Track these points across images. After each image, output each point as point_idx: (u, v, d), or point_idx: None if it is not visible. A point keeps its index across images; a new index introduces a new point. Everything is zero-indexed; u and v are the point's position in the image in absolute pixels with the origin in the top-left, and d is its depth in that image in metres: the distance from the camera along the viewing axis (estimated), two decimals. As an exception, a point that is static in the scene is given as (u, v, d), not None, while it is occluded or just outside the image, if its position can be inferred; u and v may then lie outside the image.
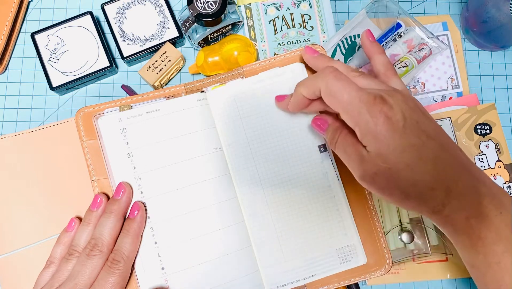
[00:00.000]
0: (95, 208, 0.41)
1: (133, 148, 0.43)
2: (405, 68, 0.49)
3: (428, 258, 0.47)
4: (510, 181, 0.47)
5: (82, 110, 0.44)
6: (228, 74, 0.47)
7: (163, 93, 0.46)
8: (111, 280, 0.38)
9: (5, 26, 0.50)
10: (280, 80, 0.46)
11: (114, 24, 0.51)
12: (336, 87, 0.36)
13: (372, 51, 0.43)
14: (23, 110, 0.51)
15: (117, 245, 0.40)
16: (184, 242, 0.42)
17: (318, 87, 0.37)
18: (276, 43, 0.52)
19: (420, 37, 0.50)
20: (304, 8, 0.53)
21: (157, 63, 0.49)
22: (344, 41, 0.51)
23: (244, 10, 0.53)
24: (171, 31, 0.51)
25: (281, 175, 0.45)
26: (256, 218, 0.44)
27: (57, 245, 0.42)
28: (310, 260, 0.44)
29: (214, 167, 0.44)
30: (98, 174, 0.43)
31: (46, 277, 0.40)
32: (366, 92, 0.35)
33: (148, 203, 0.43)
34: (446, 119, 0.49)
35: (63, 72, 0.49)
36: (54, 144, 0.47)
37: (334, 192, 0.45)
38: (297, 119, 0.46)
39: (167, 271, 0.42)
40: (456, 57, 0.52)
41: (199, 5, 0.47)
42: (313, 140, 0.45)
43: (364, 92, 0.35)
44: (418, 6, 0.55)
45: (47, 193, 0.46)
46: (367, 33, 0.45)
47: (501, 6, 0.47)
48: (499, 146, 0.49)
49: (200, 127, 0.45)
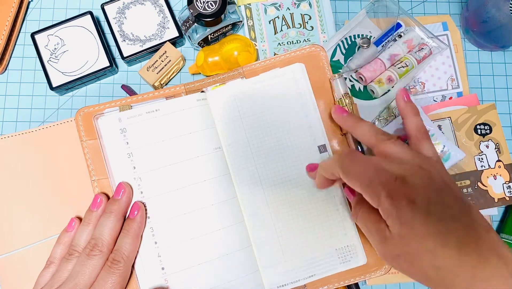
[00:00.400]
0: (95, 208, 0.41)
1: (133, 148, 0.43)
2: (405, 68, 0.48)
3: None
4: (510, 181, 0.47)
5: (82, 110, 0.44)
6: (228, 74, 0.47)
7: (163, 93, 0.46)
8: (111, 280, 0.38)
9: (5, 26, 0.50)
10: (280, 80, 0.46)
11: (114, 24, 0.51)
12: (353, 170, 0.35)
13: (406, 111, 0.42)
14: (23, 110, 0.51)
15: (117, 245, 0.40)
16: (184, 242, 0.42)
17: (336, 171, 0.37)
18: (276, 43, 0.52)
19: (420, 37, 0.50)
20: (304, 8, 0.53)
21: (157, 63, 0.49)
22: (344, 41, 0.51)
23: (244, 10, 0.53)
24: (171, 31, 0.51)
25: (281, 175, 0.45)
26: (256, 218, 0.44)
27: (57, 245, 0.42)
28: (310, 260, 0.44)
29: (214, 167, 0.44)
30: (98, 174, 0.43)
31: (46, 277, 0.40)
32: (385, 173, 0.34)
33: (148, 203, 0.43)
34: (446, 119, 0.49)
35: (63, 72, 0.49)
36: (54, 144, 0.47)
37: (334, 192, 0.45)
38: (297, 119, 0.46)
39: (167, 271, 0.42)
40: (456, 57, 0.52)
41: (199, 5, 0.47)
42: (313, 141, 0.45)
43: (383, 174, 0.34)
44: (418, 6, 0.55)
45: (47, 193, 0.46)
46: (402, 92, 0.43)
47: (501, 6, 0.47)
48: (499, 146, 0.49)
49: (200, 127, 0.45)
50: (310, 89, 0.46)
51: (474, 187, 0.47)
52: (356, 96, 0.49)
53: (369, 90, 0.50)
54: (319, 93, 0.46)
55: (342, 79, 0.46)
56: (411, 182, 0.33)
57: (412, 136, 0.40)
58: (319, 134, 0.46)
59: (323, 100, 0.46)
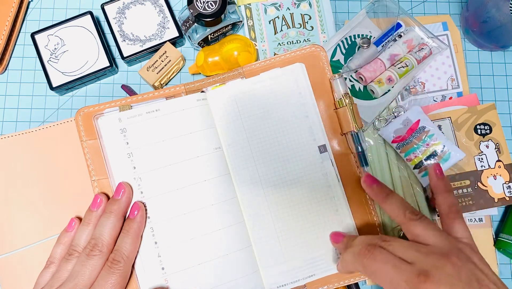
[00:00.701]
0: (95, 208, 0.41)
1: (133, 148, 0.43)
2: (405, 68, 0.48)
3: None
4: (510, 181, 0.47)
5: (82, 110, 0.44)
6: (228, 74, 0.47)
7: (163, 93, 0.46)
8: (111, 280, 0.38)
9: (5, 26, 0.50)
10: (280, 80, 0.46)
11: (114, 24, 0.51)
12: (374, 268, 0.34)
13: (438, 188, 0.41)
14: (23, 110, 0.51)
15: (117, 245, 0.40)
16: (184, 242, 0.42)
17: (357, 269, 0.37)
18: (276, 43, 0.52)
19: (420, 37, 0.50)
20: (304, 8, 0.53)
21: (157, 63, 0.49)
22: (344, 41, 0.51)
23: (244, 10, 0.53)
24: (171, 31, 0.51)
25: (281, 175, 0.45)
26: (256, 218, 0.44)
27: (57, 245, 0.42)
28: (310, 260, 0.44)
29: (214, 167, 0.44)
30: (98, 174, 0.43)
31: (46, 277, 0.40)
32: (407, 269, 0.33)
33: (148, 203, 0.43)
34: (446, 119, 0.49)
35: (63, 72, 0.49)
36: (54, 144, 0.47)
37: (334, 192, 0.45)
38: (297, 119, 0.46)
39: (167, 271, 0.42)
40: (456, 57, 0.52)
41: (199, 5, 0.47)
42: (313, 141, 0.45)
43: (405, 270, 0.33)
44: (418, 6, 0.55)
45: (47, 193, 0.46)
46: (435, 167, 0.42)
47: (501, 6, 0.47)
48: (499, 145, 0.49)
49: (200, 127, 0.45)
50: (310, 89, 0.46)
51: (474, 187, 0.47)
52: (356, 96, 0.49)
53: (369, 90, 0.50)
54: (319, 93, 0.46)
55: (342, 79, 0.46)
56: (435, 278, 0.31)
57: (444, 214, 0.39)
58: (319, 135, 0.46)
59: (323, 100, 0.46)
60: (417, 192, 0.48)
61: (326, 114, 0.46)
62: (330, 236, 0.44)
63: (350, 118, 0.45)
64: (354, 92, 0.50)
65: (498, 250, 0.49)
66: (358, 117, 0.45)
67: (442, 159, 0.46)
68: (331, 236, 0.44)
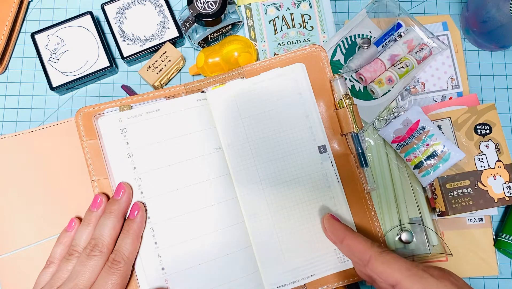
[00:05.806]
0: (95, 208, 0.41)
1: (133, 148, 0.43)
2: (405, 68, 0.48)
3: (428, 258, 0.47)
4: (510, 181, 0.47)
5: (82, 110, 0.44)
6: (228, 74, 0.47)
7: (163, 93, 0.46)
8: (111, 281, 0.38)
9: (5, 26, 0.50)
10: (280, 80, 0.46)
11: (114, 24, 0.51)
12: None
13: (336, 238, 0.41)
14: (23, 110, 0.51)
15: (117, 246, 0.40)
16: (184, 242, 0.42)
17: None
18: (276, 43, 0.52)
19: (420, 37, 0.50)
20: (304, 8, 0.53)
21: (157, 63, 0.49)
22: (344, 41, 0.51)
23: (244, 10, 0.53)
24: (171, 31, 0.51)
25: (281, 175, 0.45)
26: (256, 218, 0.44)
27: (57, 245, 0.42)
28: (309, 260, 0.44)
29: (214, 167, 0.44)
30: (98, 174, 0.43)
31: (46, 277, 0.40)
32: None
33: (148, 203, 0.43)
34: (446, 119, 0.49)
35: (63, 72, 0.49)
36: (54, 144, 0.47)
37: (333, 193, 0.45)
38: (297, 120, 0.46)
39: (167, 271, 0.42)
40: (456, 57, 0.52)
41: (199, 5, 0.47)
42: (313, 141, 0.45)
43: None
44: (418, 6, 0.55)
45: (47, 193, 0.46)
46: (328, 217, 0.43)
47: (501, 6, 0.46)
48: (499, 146, 0.49)
49: (200, 127, 0.45)
50: (311, 90, 0.46)
51: (474, 187, 0.47)
52: (356, 97, 0.49)
53: (369, 90, 0.50)
54: (319, 93, 0.46)
55: (342, 80, 0.46)
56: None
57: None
58: (319, 135, 0.46)
59: (323, 101, 0.46)
60: (417, 192, 0.48)
61: (326, 115, 0.46)
62: (324, 219, 0.44)
63: (351, 119, 0.45)
64: (354, 93, 0.50)
65: (498, 250, 0.49)
66: (358, 118, 0.45)
67: (442, 159, 0.46)
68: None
